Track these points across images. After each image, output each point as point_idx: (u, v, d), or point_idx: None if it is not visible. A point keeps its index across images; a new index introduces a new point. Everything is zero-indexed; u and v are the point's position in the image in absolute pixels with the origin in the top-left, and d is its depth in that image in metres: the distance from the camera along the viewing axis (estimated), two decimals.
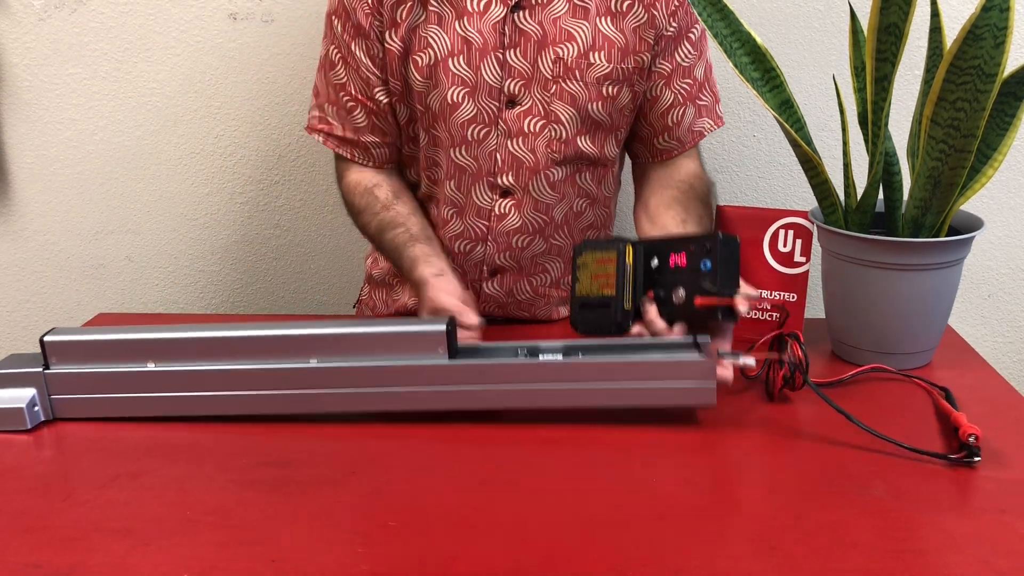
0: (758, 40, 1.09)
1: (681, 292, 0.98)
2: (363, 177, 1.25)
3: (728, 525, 0.80)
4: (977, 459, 0.88)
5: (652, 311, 1.00)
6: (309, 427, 0.98)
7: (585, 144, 1.20)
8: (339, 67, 1.20)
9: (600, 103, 1.17)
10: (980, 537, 0.78)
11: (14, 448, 0.95)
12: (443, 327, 0.95)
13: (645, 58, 1.18)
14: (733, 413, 1.00)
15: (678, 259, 0.99)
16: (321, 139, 1.25)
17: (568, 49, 1.14)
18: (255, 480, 0.88)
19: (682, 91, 1.22)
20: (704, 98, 1.24)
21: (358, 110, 1.21)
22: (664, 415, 1.00)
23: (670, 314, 1.00)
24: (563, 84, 1.15)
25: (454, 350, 0.97)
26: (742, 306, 0.96)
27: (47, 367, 0.99)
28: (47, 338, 0.99)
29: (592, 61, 1.15)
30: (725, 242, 0.97)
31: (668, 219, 1.20)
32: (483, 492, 0.86)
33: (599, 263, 1.02)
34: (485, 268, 1.27)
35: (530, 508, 0.83)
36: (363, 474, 0.90)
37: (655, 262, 1.01)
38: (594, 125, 1.19)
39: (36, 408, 0.99)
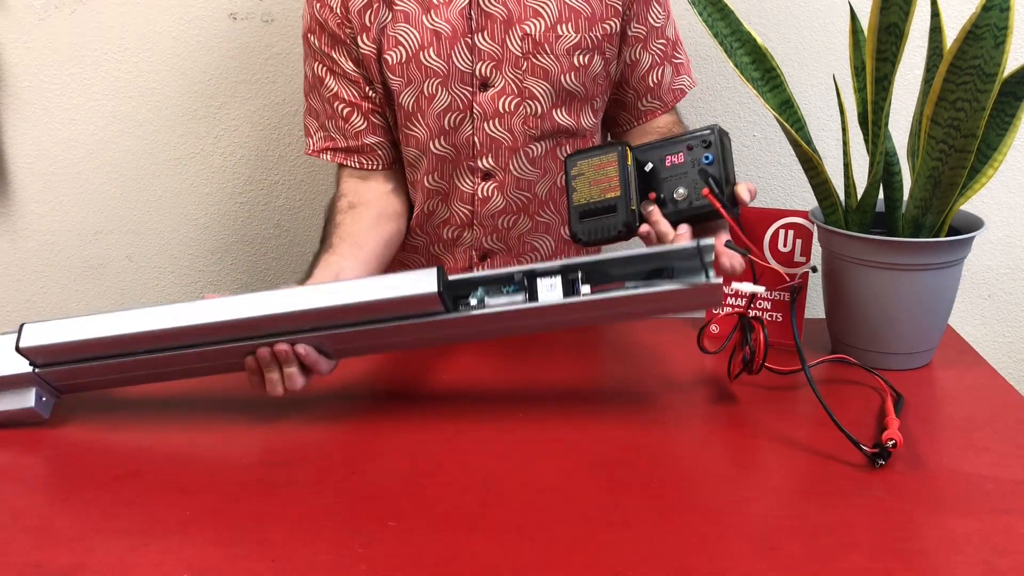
0: (758, 40, 1.09)
1: (682, 190, 0.99)
2: (341, 188, 1.25)
3: (728, 525, 0.80)
4: (881, 462, 0.88)
5: (656, 213, 1.00)
6: (309, 427, 0.98)
7: (561, 117, 1.21)
8: (327, 79, 1.21)
9: (573, 73, 1.19)
10: (980, 537, 0.78)
11: (14, 448, 0.95)
12: (434, 289, 0.92)
13: (613, 24, 1.19)
14: (732, 413, 1.00)
15: (675, 159, 1.00)
16: (329, 156, 1.25)
17: (535, 25, 1.16)
18: (255, 480, 0.88)
19: (658, 51, 1.25)
20: (679, 56, 1.28)
21: (355, 115, 1.21)
22: (664, 415, 1.00)
23: (670, 215, 1.00)
24: (534, 59, 1.17)
25: (448, 304, 0.94)
26: (745, 194, 0.99)
27: (35, 367, 0.98)
28: (23, 344, 0.95)
29: (560, 33, 1.17)
30: (720, 134, 0.99)
31: None
32: (483, 492, 0.86)
33: (597, 169, 1.01)
34: (475, 253, 1.28)
35: (530, 508, 0.83)
36: (363, 474, 0.90)
37: (649, 166, 1.01)
38: (568, 96, 1.21)
39: (44, 399, 0.99)
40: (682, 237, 0.99)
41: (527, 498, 0.84)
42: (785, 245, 1.16)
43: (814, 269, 1.02)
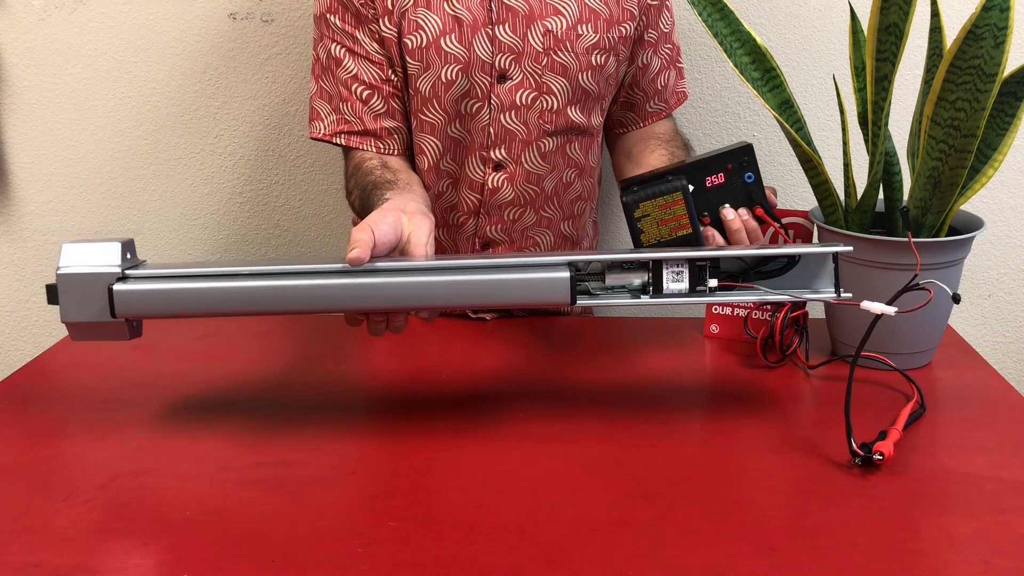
0: (758, 40, 1.09)
1: (725, 210, 1.04)
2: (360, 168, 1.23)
3: (728, 525, 0.80)
4: (857, 462, 0.88)
5: (718, 236, 1.04)
6: (309, 427, 0.98)
7: (575, 114, 1.24)
8: (346, 60, 1.21)
9: (590, 72, 1.21)
10: (980, 537, 0.78)
11: (14, 448, 0.95)
12: (567, 300, 0.89)
13: (629, 27, 1.23)
14: (733, 413, 1.00)
15: (715, 179, 1.04)
16: (343, 140, 1.22)
17: (557, 22, 1.18)
18: (255, 480, 0.88)
19: (666, 56, 1.30)
20: (681, 62, 1.34)
21: (375, 97, 1.21)
22: (664, 415, 1.00)
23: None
24: (554, 56, 1.19)
25: (575, 297, 0.90)
26: (774, 198, 1.07)
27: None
28: (118, 311, 0.89)
29: (580, 32, 1.19)
30: (753, 151, 1.05)
31: (655, 160, 1.24)
32: (483, 492, 0.86)
33: (662, 208, 1.04)
34: (477, 241, 1.29)
35: (530, 508, 0.83)
36: (363, 474, 0.90)
37: (690, 189, 1.04)
38: (584, 95, 1.23)
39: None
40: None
41: (527, 498, 0.84)
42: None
43: (956, 298, 1.00)
